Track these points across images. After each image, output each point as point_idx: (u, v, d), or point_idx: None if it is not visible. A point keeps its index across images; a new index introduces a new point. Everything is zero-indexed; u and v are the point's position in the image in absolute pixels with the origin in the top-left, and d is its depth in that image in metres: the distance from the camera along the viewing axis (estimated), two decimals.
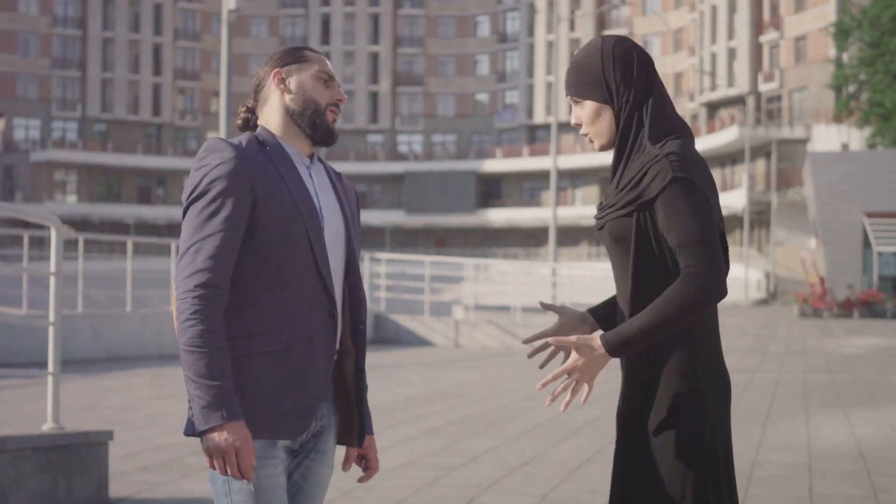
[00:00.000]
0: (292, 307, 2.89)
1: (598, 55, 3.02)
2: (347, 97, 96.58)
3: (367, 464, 3.14)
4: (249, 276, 2.88)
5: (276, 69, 3.03)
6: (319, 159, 3.10)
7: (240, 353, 2.84)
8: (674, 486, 2.91)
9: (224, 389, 2.76)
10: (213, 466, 2.78)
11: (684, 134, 3.00)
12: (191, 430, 2.86)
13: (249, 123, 3.09)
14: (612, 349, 2.88)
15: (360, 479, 3.14)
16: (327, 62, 3.08)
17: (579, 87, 3.05)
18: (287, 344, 2.87)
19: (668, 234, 2.89)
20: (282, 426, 2.87)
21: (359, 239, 3.11)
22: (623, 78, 3.00)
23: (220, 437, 2.75)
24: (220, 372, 2.76)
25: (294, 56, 3.05)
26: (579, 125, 3.09)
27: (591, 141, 3.09)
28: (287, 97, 3.01)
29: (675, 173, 2.88)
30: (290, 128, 3.01)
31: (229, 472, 2.77)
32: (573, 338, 2.91)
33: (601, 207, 3.07)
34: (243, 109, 3.09)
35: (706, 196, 2.90)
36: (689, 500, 2.91)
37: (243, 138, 2.96)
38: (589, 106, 3.04)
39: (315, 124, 3.00)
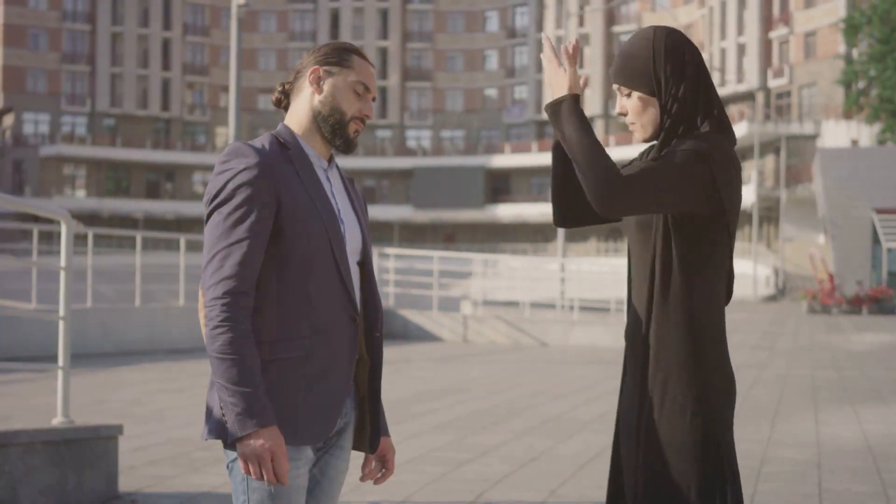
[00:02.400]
0: (314, 312, 2.90)
1: (648, 47, 3.02)
2: None
3: (385, 465, 3.16)
4: (271, 281, 2.89)
5: (315, 66, 3.02)
6: (336, 165, 3.11)
7: (263, 359, 2.85)
8: (676, 486, 2.92)
9: (257, 396, 2.78)
10: (248, 472, 2.80)
11: (725, 133, 3.01)
12: (212, 435, 2.88)
13: (281, 104, 3.09)
14: (560, 100, 3.00)
15: (376, 481, 3.16)
16: (370, 72, 3.06)
17: (627, 78, 3.05)
18: (310, 349, 2.89)
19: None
20: (305, 432, 2.90)
21: (371, 245, 3.13)
22: (673, 72, 3.00)
23: (255, 443, 2.77)
24: (253, 378, 2.78)
25: (339, 57, 3.03)
26: (624, 114, 3.10)
27: (634, 131, 3.10)
28: (317, 97, 3.01)
29: (697, 147, 2.91)
30: (312, 128, 3.02)
31: (265, 477, 2.79)
32: (569, 66, 3.03)
33: None
34: (279, 88, 3.09)
35: (712, 175, 2.91)
36: (693, 499, 2.92)
37: (265, 140, 2.96)
38: (636, 98, 3.05)
39: (335, 132, 3.01)
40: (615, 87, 3.09)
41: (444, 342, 22.85)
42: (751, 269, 54.00)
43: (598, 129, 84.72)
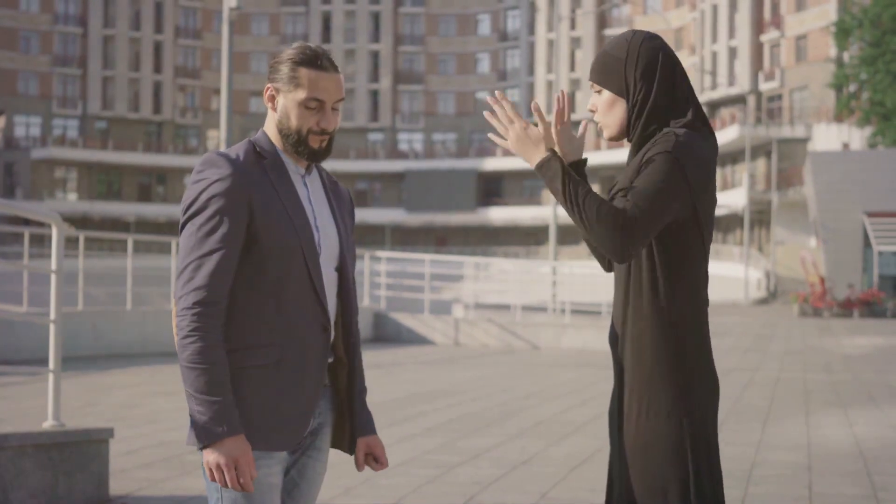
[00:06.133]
0: (286, 321, 2.92)
1: (624, 49, 3.07)
2: (348, 95, 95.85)
3: (377, 460, 3.18)
4: (245, 290, 2.91)
5: (268, 85, 3.01)
6: (316, 166, 3.10)
7: (234, 367, 2.89)
8: (659, 482, 2.94)
9: (224, 405, 2.82)
10: (213, 479, 2.84)
11: (702, 134, 3.03)
12: (190, 441, 2.90)
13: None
14: (542, 162, 2.97)
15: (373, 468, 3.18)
16: (323, 84, 2.96)
17: (600, 75, 3.10)
18: (280, 357, 2.92)
19: (633, 182, 2.94)
20: (275, 438, 2.92)
21: (352, 249, 3.12)
22: (643, 75, 3.04)
23: (220, 451, 2.81)
24: (221, 388, 2.82)
25: (288, 76, 2.97)
26: (593, 111, 3.14)
27: (601, 129, 3.14)
28: (276, 116, 3.00)
29: (671, 149, 2.92)
30: (282, 139, 3.01)
31: (230, 485, 2.82)
32: (547, 124, 3.03)
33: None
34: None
35: (687, 182, 2.92)
36: (674, 496, 2.93)
37: (241, 150, 2.97)
38: (605, 95, 3.10)
39: (297, 148, 2.99)
40: (590, 84, 3.13)
41: (435, 345, 22.85)
42: (742, 273, 54.06)
43: (591, 133, 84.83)
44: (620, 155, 78.31)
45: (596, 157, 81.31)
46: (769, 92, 70.73)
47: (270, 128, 3.03)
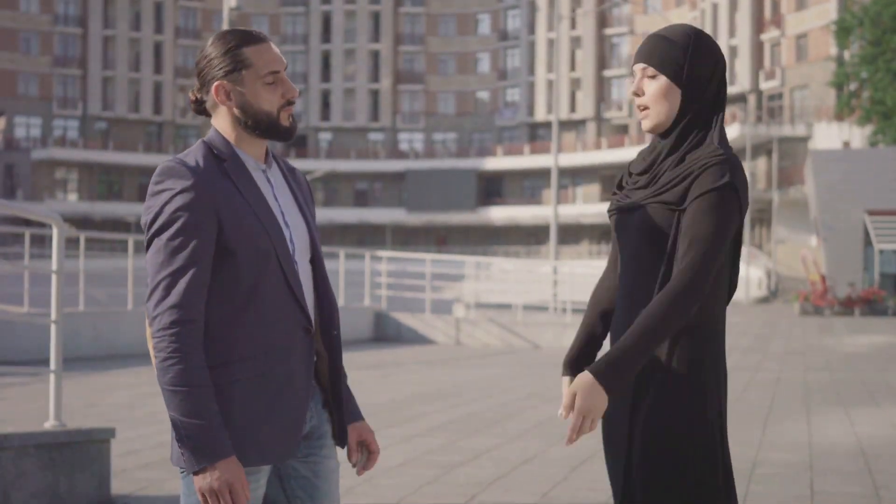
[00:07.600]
0: (267, 329, 2.83)
1: (689, 40, 2.98)
2: (349, 95, 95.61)
3: (368, 448, 3.10)
4: (221, 302, 2.81)
5: (217, 83, 2.86)
6: (274, 156, 3.01)
7: (218, 383, 2.79)
8: (673, 476, 2.92)
9: (212, 428, 2.72)
10: None
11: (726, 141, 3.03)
12: (179, 461, 2.82)
13: (202, 111, 2.95)
14: (602, 375, 2.79)
15: (364, 466, 3.10)
16: (270, 54, 2.88)
17: (659, 61, 2.98)
18: (265, 368, 2.83)
19: (688, 226, 2.88)
20: (268, 451, 2.85)
21: (319, 237, 3.05)
22: (704, 72, 2.98)
23: (212, 476, 2.71)
24: (207, 410, 2.72)
25: (234, 63, 2.85)
26: (639, 95, 3.03)
27: (644, 117, 3.03)
28: (235, 111, 2.87)
29: (733, 179, 2.88)
30: (242, 134, 2.90)
31: None
32: (568, 392, 2.83)
33: (626, 188, 3.07)
34: (192, 98, 2.94)
35: (741, 209, 2.91)
36: (689, 489, 2.92)
37: (198, 154, 2.85)
38: (662, 82, 2.99)
39: (270, 132, 2.89)
40: (640, 66, 3.01)
41: (436, 345, 22.85)
42: (743, 272, 54.05)
43: (590, 133, 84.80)
44: (621, 155, 78.25)
45: (596, 157, 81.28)
46: (770, 91, 70.74)
47: (223, 124, 2.90)
